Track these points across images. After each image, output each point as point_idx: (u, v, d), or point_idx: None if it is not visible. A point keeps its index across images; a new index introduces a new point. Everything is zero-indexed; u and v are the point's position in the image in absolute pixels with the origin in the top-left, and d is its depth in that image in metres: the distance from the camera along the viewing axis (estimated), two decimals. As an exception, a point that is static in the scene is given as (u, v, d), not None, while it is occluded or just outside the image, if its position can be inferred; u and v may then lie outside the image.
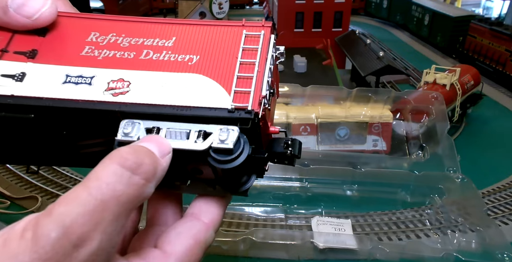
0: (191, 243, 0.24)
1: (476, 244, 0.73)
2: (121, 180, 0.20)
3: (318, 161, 0.94)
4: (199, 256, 0.24)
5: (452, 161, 0.87)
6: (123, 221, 0.20)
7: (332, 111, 1.00)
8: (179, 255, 0.24)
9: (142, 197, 0.21)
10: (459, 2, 3.06)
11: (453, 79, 1.20)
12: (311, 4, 2.01)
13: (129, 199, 0.20)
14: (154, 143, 0.23)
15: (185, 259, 0.24)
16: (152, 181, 0.21)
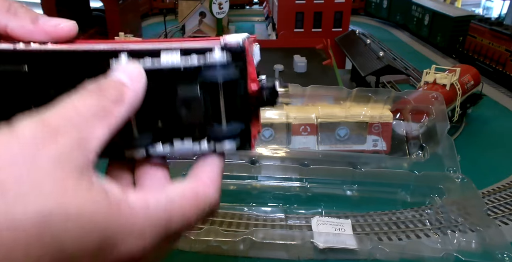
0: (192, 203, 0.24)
1: (476, 244, 0.73)
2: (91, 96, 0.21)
3: (318, 161, 0.94)
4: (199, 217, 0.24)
5: (452, 161, 0.87)
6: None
7: (332, 111, 1.00)
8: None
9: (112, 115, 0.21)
10: (459, 2, 3.06)
11: (453, 79, 1.20)
12: (311, 4, 2.01)
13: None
14: (121, 70, 0.22)
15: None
16: (121, 103, 0.21)
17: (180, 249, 0.73)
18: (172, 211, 0.22)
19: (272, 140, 1.00)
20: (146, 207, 0.21)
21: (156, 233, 0.21)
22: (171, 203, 0.22)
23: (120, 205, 0.20)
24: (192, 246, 0.72)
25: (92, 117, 0.20)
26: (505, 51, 1.64)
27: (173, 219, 0.22)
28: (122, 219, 0.19)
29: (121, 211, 0.20)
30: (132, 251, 0.20)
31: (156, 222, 0.21)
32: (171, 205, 0.22)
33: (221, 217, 0.83)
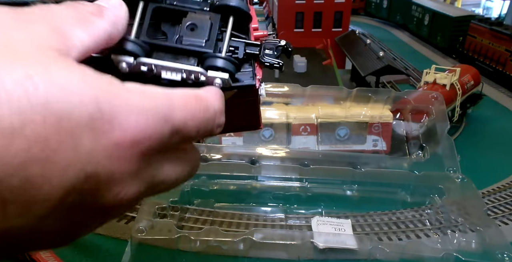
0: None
1: (476, 244, 0.73)
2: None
3: (318, 161, 0.94)
4: (204, 119, 0.21)
5: (452, 161, 0.87)
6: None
7: (332, 111, 1.00)
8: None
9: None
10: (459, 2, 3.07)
11: (453, 79, 1.20)
12: (311, 4, 2.01)
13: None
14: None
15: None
16: (101, 16, 0.20)
17: (180, 249, 0.73)
18: (173, 98, 0.20)
19: (272, 140, 1.00)
20: (143, 90, 0.19)
21: (158, 118, 0.18)
22: (171, 92, 0.20)
23: (112, 83, 0.18)
24: (192, 246, 0.72)
25: (70, 20, 0.19)
26: (505, 51, 1.64)
27: (175, 108, 0.19)
28: (117, 92, 0.18)
29: (115, 86, 0.18)
30: (133, 130, 0.18)
31: (156, 104, 0.19)
32: (171, 93, 0.20)
33: (221, 217, 0.83)
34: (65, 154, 0.15)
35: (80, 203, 0.17)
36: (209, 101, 0.21)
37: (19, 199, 0.15)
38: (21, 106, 0.14)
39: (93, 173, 0.16)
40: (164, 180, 0.21)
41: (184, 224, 0.80)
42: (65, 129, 0.15)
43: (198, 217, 0.83)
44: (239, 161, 0.91)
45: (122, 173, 0.18)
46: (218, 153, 0.93)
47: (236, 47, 0.25)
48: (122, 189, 0.18)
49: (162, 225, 0.69)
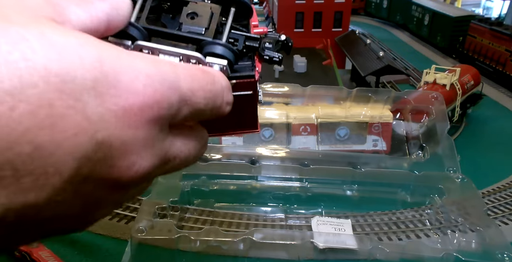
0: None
1: (476, 244, 0.73)
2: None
3: (318, 161, 0.94)
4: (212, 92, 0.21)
5: (452, 161, 0.87)
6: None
7: (332, 111, 1.00)
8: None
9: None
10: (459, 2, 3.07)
11: (453, 79, 1.20)
12: (311, 4, 2.01)
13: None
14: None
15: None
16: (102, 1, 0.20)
17: (180, 249, 0.73)
18: (178, 67, 0.19)
19: (272, 140, 1.00)
20: (147, 56, 0.18)
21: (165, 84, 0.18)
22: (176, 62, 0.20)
23: (114, 47, 0.17)
24: (192, 246, 0.72)
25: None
26: (505, 51, 1.64)
27: (181, 76, 0.19)
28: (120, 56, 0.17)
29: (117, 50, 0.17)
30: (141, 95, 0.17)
31: (162, 70, 0.18)
32: (176, 63, 0.20)
33: (221, 217, 0.83)
34: (73, 119, 0.15)
35: (95, 175, 0.17)
36: (216, 76, 0.21)
37: (32, 169, 0.14)
38: (20, 68, 0.14)
39: (105, 140, 0.16)
40: (176, 155, 0.21)
41: (184, 224, 0.80)
42: (70, 93, 0.15)
43: (198, 217, 0.83)
44: (239, 161, 0.91)
45: (134, 142, 0.17)
46: (218, 153, 0.93)
47: (236, 40, 0.24)
48: (136, 160, 0.18)
49: (162, 225, 0.69)
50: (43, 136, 0.14)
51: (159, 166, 0.19)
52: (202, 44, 0.23)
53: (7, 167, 0.14)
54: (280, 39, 0.26)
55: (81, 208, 0.18)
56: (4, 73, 0.13)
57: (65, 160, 0.15)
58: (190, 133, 0.22)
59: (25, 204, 0.15)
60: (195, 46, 0.23)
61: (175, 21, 0.24)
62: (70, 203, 0.17)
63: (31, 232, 0.17)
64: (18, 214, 0.15)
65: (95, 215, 0.20)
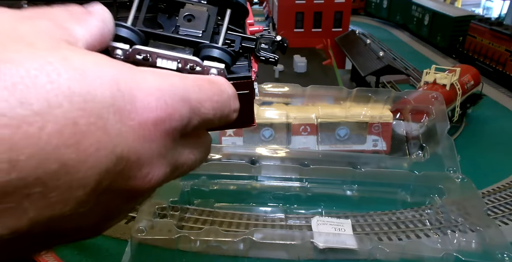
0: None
1: (476, 244, 0.73)
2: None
3: (318, 161, 0.94)
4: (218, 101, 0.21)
5: (452, 161, 0.87)
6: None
7: (332, 111, 1.00)
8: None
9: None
10: (459, 2, 3.07)
11: (453, 79, 1.20)
12: (311, 4, 2.01)
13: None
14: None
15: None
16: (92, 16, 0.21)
17: (180, 249, 0.73)
18: (186, 80, 0.20)
19: (272, 140, 1.00)
20: (156, 71, 0.19)
21: (175, 98, 0.19)
22: (184, 75, 0.20)
23: (126, 65, 0.18)
24: (192, 246, 0.72)
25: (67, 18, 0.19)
26: (505, 51, 1.64)
27: (190, 89, 0.20)
28: (132, 73, 0.18)
29: (129, 68, 0.18)
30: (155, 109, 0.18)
31: (172, 84, 0.19)
32: (184, 75, 0.20)
33: (221, 217, 0.83)
34: (95, 136, 0.16)
35: (114, 187, 0.18)
36: (222, 86, 0.22)
37: (58, 184, 0.15)
38: (47, 91, 0.15)
39: (123, 154, 0.17)
40: (185, 162, 0.22)
41: (184, 224, 0.80)
42: (92, 111, 0.16)
43: (198, 217, 0.83)
44: (239, 161, 0.91)
45: (149, 154, 0.18)
46: (218, 153, 0.93)
47: (232, 41, 0.25)
48: (151, 170, 0.19)
49: (162, 225, 0.69)
50: (69, 153, 0.15)
51: (170, 173, 0.20)
52: (199, 47, 0.23)
53: (37, 184, 0.14)
54: (276, 40, 0.26)
55: (100, 217, 0.19)
56: (33, 96, 0.14)
57: (89, 174, 0.16)
58: (197, 140, 0.23)
59: (52, 217, 0.16)
60: (193, 48, 0.23)
61: (171, 21, 0.24)
62: (91, 213, 0.18)
63: (53, 241, 0.18)
64: (44, 226, 0.16)
65: (114, 220, 0.21)
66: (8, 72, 0.14)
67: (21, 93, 0.14)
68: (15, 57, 0.15)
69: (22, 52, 0.15)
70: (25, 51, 0.15)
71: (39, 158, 0.14)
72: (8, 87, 0.14)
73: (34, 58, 0.15)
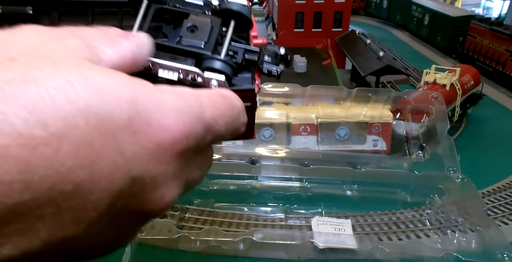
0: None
1: (476, 244, 0.73)
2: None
3: (318, 161, 0.94)
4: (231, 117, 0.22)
5: (452, 161, 0.87)
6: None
7: (332, 111, 1.00)
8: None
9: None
10: (459, 2, 3.07)
11: (453, 79, 1.20)
12: (311, 4, 2.01)
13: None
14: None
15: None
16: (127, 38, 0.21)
17: (180, 249, 0.73)
18: (201, 97, 0.20)
19: (272, 140, 1.00)
20: (173, 90, 0.19)
21: (192, 117, 0.19)
22: (199, 91, 0.20)
23: (145, 84, 0.18)
24: (192, 246, 0.72)
25: (99, 38, 0.19)
26: (505, 51, 1.64)
27: (204, 106, 0.20)
28: (151, 93, 0.18)
29: (148, 87, 0.18)
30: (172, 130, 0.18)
31: (189, 103, 0.19)
32: (199, 92, 0.20)
33: (221, 217, 0.83)
34: (110, 157, 0.16)
35: (127, 208, 0.17)
36: (232, 100, 0.22)
37: (72, 205, 0.15)
38: (65, 111, 0.15)
39: (138, 176, 0.17)
40: (194, 179, 0.22)
41: (184, 224, 0.80)
42: (108, 132, 0.16)
43: (198, 217, 0.83)
44: (239, 161, 0.91)
45: (164, 176, 0.18)
46: (218, 153, 0.93)
47: (235, 52, 0.25)
48: (166, 192, 0.19)
49: (162, 225, 0.69)
50: (83, 174, 0.15)
51: (182, 192, 0.20)
52: (201, 58, 0.23)
53: (50, 205, 0.14)
54: (280, 53, 0.26)
55: (112, 238, 0.19)
56: (51, 116, 0.14)
57: (102, 196, 0.16)
58: (204, 155, 0.22)
59: (64, 238, 0.15)
60: (195, 59, 0.23)
61: (176, 31, 0.24)
62: (104, 234, 0.18)
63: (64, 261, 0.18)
64: (57, 247, 0.16)
65: (125, 240, 0.21)
66: (29, 91, 0.14)
67: (39, 113, 0.14)
68: (37, 76, 0.15)
69: (44, 71, 0.15)
70: (47, 70, 0.15)
71: (53, 179, 0.14)
72: (27, 107, 0.14)
73: (54, 77, 0.15)
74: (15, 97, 0.14)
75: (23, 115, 0.14)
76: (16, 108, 0.14)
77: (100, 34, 0.20)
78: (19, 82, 0.14)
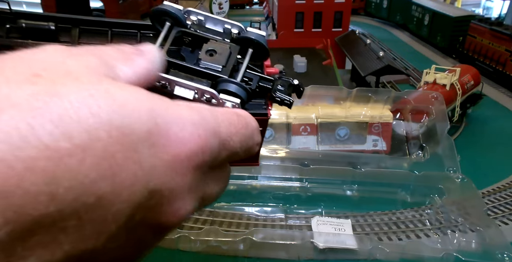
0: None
1: (476, 244, 0.73)
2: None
3: (318, 161, 0.94)
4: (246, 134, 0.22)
5: (452, 161, 0.87)
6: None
7: (332, 111, 1.00)
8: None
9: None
10: (459, 2, 3.07)
11: (453, 79, 1.20)
12: (311, 4, 2.01)
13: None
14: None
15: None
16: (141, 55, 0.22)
17: (180, 249, 0.73)
18: (217, 113, 0.21)
19: (272, 140, 1.00)
20: (190, 105, 0.20)
21: (208, 131, 0.19)
22: (214, 109, 0.21)
23: (163, 99, 0.19)
24: (192, 246, 0.72)
25: (115, 56, 0.20)
26: (505, 51, 1.64)
27: (220, 122, 0.20)
28: (169, 107, 0.18)
29: (166, 102, 0.19)
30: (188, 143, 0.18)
31: (205, 118, 0.19)
32: (214, 109, 0.21)
33: (221, 217, 0.83)
34: (130, 169, 0.16)
35: (145, 221, 0.18)
36: (247, 119, 0.22)
37: (93, 217, 0.15)
38: (89, 124, 0.15)
39: (156, 188, 0.17)
40: (211, 195, 0.22)
41: (184, 224, 0.80)
42: (129, 144, 0.16)
43: (198, 217, 0.83)
44: (239, 161, 0.91)
45: (181, 188, 0.19)
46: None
47: (250, 79, 0.25)
48: (182, 205, 0.19)
49: (162, 225, 0.69)
50: (105, 186, 0.15)
51: (198, 207, 0.21)
52: (217, 81, 0.24)
53: (73, 217, 0.15)
54: (293, 83, 0.27)
55: (131, 250, 0.19)
56: (76, 128, 0.15)
57: (122, 208, 0.16)
58: (221, 172, 0.23)
59: (85, 250, 0.16)
60: (211, 82, 0.24)
61: (193, 55, 0.25)
62: (122, 248, 0.18)
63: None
64: (78, 259, 0.16)
65: (142, 255, 0.21)
66: (54, 105, 0.15)
67: (65, 126, 0.14)
68: (61, 90, 0.15)
69: (68, 86, 0.16)
70: (71, 85, 0.16)
71: (77, 190, 0.14)
72: (53, 120, 0.14)
73: (78, 91, 0.16)
74: (41, 111, 0.14)
75: (49, 128, 0.14)
76: (42, 121, 0.14)
77: (116, 52, 0.20)
78: (45, 96, 0.15)
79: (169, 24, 0.25)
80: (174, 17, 0.25)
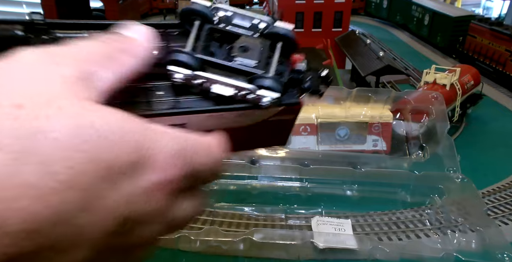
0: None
1: (476, 244, 0.73)
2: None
3: (318, 161, 0.94)
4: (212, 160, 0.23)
5: (452, 161, 0.87)
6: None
7: (332, 111, 1.00)
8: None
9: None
10: (459, 2, 3.06)
11: (453, 79, 1.20)
12: (311, 4, 2.01)
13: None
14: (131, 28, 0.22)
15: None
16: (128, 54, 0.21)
17: (180, 249, 0.73)
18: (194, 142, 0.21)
19: (272, 140, 1.00)
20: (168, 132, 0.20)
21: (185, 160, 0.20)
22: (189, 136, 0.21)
23: (144, 125, 0.19)
24: (192, 246, 0.72)
25: (98, 59, 0.19)
26: (505, 51, 1.64)
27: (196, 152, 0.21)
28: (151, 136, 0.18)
29: (148, 130, 0.19)
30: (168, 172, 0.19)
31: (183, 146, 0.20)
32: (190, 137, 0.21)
33: (221, 217, 0.83)
34: (109, 200, 0.16)
35: (117, 245, 0.18)
36: (217, 148, 0.23)
37: (69, 245, 0.16)
38: (75, 160, 0.15)
39: (131, 215, 0.18)
40: (183, 217, 0.22)
41: (184, 224, 0.80)
42: (111, 178, 0.16)
43: (198, 216, 0.83)
44: (239, 161, 0.91)
45: (153, 213, 0.19)
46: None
47: (281, 72, 0.26)
48: (152, 229, 0.20)
49: (162, 225, 0.69)
50: (85, 216, 0.16)
51: (167, 229, 0.21)
52: (252, 77, 0.24)
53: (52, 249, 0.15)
54: (322, 74, 0.28)
55: None
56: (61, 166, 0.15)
57: (98, 236, 0.17)
58: (191, 196, 0.23)
59: None
60: (246, 77, 0.24)
61: (222, 49, 0.26)
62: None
63: None
64: None
65: None
66: (39, 143, 0.15)
67: (50, 164, 0.15)
68: (45, 126, 0.15)
69: (52, 120, 0.15)
70: (54, 119, 0.16)
71: (57, 224, 0.15)
72: (38, 159, 0.14)
73: (63, 127, 0.15)
74: (26, 150, 0.14)
75: (34, 167, 0.14)
76: (27, 160, 0.14)
77: (98, 52, 0.20)
78: (29, 134, 0.15)
79: (199, 22, 0.25)
80: (203, 15, 0.25)
